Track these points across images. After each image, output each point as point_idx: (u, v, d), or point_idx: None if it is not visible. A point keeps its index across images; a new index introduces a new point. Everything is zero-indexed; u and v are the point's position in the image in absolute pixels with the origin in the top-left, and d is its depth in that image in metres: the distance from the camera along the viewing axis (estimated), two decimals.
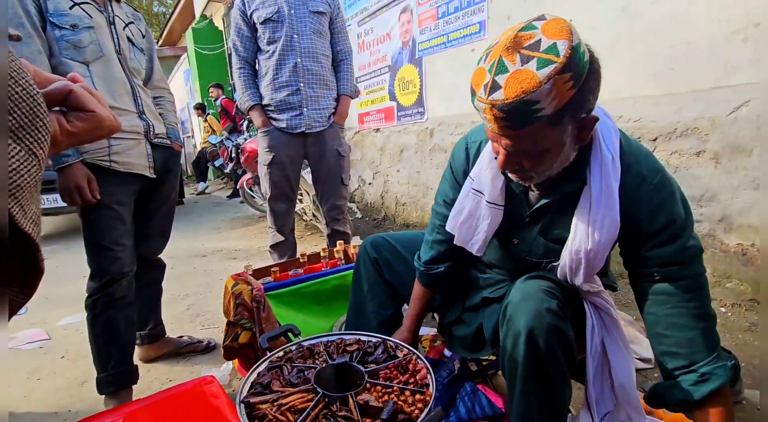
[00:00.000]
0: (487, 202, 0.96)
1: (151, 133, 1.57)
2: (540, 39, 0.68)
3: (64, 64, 1.36)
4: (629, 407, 0.94)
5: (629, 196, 0.82)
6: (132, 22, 1.58)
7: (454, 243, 1.05)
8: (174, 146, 1.69)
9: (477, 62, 0.75)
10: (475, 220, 0.99)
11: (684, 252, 0.82)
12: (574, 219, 0.86)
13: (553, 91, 0.67)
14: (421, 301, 1.20)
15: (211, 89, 7.52)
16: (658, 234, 0.82)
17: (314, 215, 3.85)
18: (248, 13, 2.06)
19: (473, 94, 0.75)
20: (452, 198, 1.06)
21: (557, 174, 0.84)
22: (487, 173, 0.95)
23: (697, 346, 0.82)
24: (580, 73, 0.69)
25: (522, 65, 0.68)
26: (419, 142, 3.64)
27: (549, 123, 0.71)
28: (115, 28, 1.49)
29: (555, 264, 0.94)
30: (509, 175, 0.89)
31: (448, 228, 1.05)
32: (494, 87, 0.70)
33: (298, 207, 3.96)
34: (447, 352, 1.71)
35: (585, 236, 0.84)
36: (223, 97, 7.40)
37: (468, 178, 1.00)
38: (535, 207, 0.93)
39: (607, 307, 0.95)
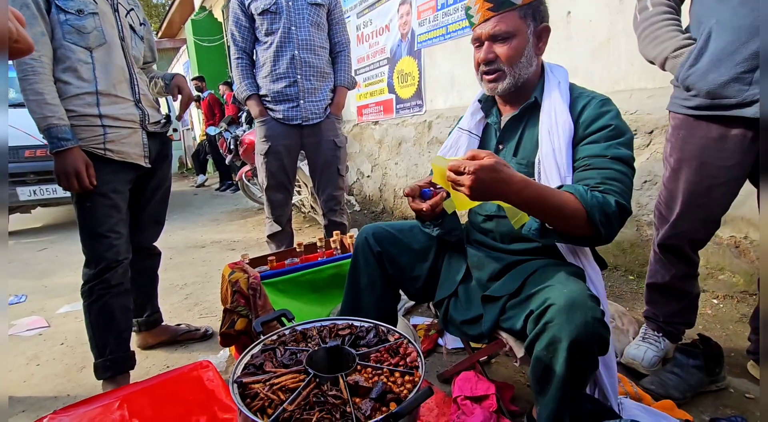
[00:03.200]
0: (466, 130, 1.20)
1: (147, 121, 1.58)
2: None
3: (66, 47, 1.37)
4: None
5: (579, 108, 1.02)
6: (132, 9, 1.59)
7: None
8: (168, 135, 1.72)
9: None
10: (455, 149, 1.21)
11: (611, 149, 0.96)
12: (539, 131, 1.04)
13: None
14: None
15: (195, 82, 7.55)
16: (594, 133, 0.98)
17: (312, 207, 3.87)
18: (246, 4, 2.07)
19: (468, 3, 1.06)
20: None
21: (517, 91, 1.07)
22: (468, 111, 1.21)
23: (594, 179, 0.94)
24: None
25: None
26: (417, 135, 3.65)
27: (519, 13, 1.01)
28: (118, 14, 1.50)
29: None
30: (485, 83, 1.10)
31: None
32: None
33: (296, 198, 3.97)
34: (440, 341, 1.73)
35: (548, 140, 1.01)
36: (210, 91, 7.41)
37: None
38: (494, 125, 1.15)
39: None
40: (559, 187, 0.93)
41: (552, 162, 0.99)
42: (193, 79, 7.72)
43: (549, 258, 1.08)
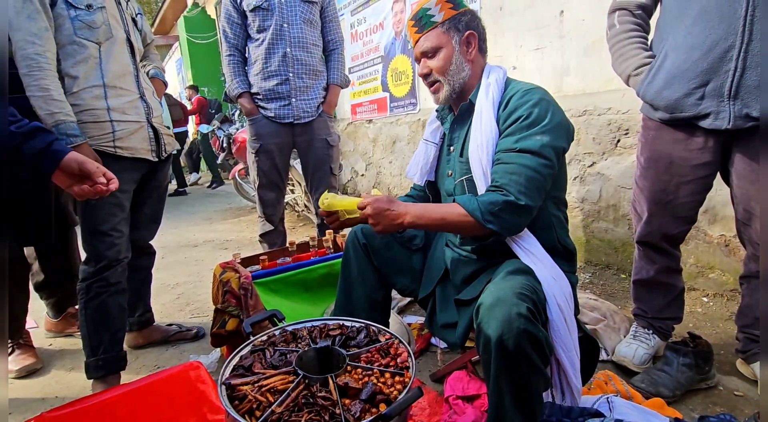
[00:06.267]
0: (425, 139, 1.28)
1: (151, 115, 1.58)
2: None
3: (78, 43, 1.38)
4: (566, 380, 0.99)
5: (506, 101, 1.07)
6: (129, 0, 1.60)
7: (407, 175, 1.34)
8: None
9: None
10: (426, 159, 1.28)
11: (520, 141, 0.99)
12: (471, 128, 1.10)
13: (438, 5, 1.11)
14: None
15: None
16: (511, 125, 1.02)
17: (306, 206, 3.85)
18: (238, 0, 2.05)
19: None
20: None
21: (459, 96, 1.15)
22: (428, 121, 1.30)
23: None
24: (457, 3, 1.12)
25: None
26: (411, 134, 3.64)
27: (441, 29, 1.11)
28: (122, 7, 1.51)
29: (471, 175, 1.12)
30: (431, 95, 1.20)
31: (408, 174, 1.34)
32: (412, 15, 1.16)
33: (290, 197, 3.95)
34: (434, 340, 1.73)
35: (474, 138, 1.08)
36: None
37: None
38: (447, 131, 1.22)
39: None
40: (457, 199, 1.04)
41: (476, 157, 1.05)
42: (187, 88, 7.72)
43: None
